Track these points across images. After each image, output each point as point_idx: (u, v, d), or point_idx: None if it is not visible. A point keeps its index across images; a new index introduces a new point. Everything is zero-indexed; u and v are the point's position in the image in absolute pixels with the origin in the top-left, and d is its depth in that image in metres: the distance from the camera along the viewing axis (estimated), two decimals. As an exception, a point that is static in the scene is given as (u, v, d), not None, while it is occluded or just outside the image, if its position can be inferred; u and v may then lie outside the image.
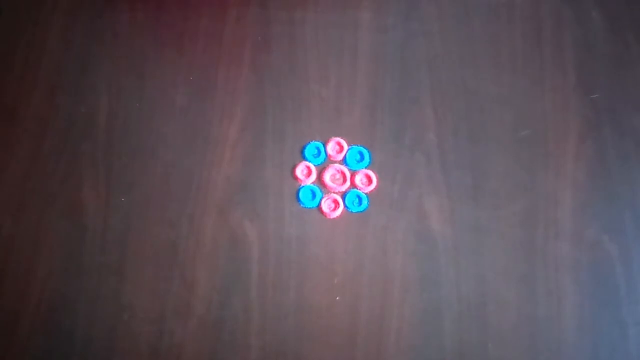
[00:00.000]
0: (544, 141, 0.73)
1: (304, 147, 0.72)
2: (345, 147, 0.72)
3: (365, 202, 0.69)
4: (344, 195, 0.70)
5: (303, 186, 0.70)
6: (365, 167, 0.71)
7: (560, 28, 0.79)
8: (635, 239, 0.69)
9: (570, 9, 0.79)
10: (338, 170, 0.71)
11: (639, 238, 0.69)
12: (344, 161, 0.72)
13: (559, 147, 0.73)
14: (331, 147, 0.72)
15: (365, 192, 0.70)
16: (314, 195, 0.70)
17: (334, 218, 0.69)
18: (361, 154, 0.72)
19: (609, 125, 0.74)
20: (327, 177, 0.71)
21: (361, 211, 0.69)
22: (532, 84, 0.76)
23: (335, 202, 0.70)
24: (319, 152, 0.72)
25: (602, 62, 0.77)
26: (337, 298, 0.66)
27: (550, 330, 0.65)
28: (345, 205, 0.70)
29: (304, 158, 0.71)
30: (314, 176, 0.71)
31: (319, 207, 0.70)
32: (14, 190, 0.69)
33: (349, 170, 0.71)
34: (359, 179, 0.71)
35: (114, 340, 0.63)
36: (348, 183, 0.70)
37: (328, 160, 0.72)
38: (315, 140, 0.72)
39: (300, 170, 0.70)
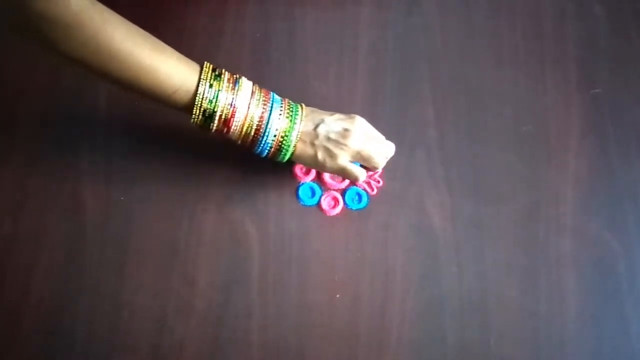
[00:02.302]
0: (546, 137, 0.73)
1: (303, 144, 0.71)
2: (345, 144, 0.71)
3: (365, 199, 0.69)
4: (343, 193, 0.70)
5: (302, 184, 0.70)
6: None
7: (562, 23, 0.78)
8: (638, 235, 0.69)
9: (572, 4, 0.79)
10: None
11: (641, 233, 0.69)
12: (344, 158, 0.71)
13: (560, 143, 0.72)
14: (331, 144, 0.71)
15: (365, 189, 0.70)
16: (313, 192, 0.70)
17: (333, 215, 0.69)
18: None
19: (610, 120, 0.73)
20: (326, 174, 0.70)
21: (361, 208, 0.69)
22: (534, 79, 0.75)
23: (335, 199, 0.69)
24: (319, 149, 0.71)
25: (604, 57, 0.76)
26: (338, 295, 0.66)
27: (552, 326, 0.65)
28: (345, 203, 0.69)
29: (304, 155, 0.71)
30: (313, 174, 0.70)
31: (318, 204, 0.69)
32: (14, 189, 0.69)
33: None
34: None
35: (115, 338, 0.63)
36: (347, 180, 0.70)
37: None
38: (315, 137, 0.72)
39: (299, 168, 0.70)
